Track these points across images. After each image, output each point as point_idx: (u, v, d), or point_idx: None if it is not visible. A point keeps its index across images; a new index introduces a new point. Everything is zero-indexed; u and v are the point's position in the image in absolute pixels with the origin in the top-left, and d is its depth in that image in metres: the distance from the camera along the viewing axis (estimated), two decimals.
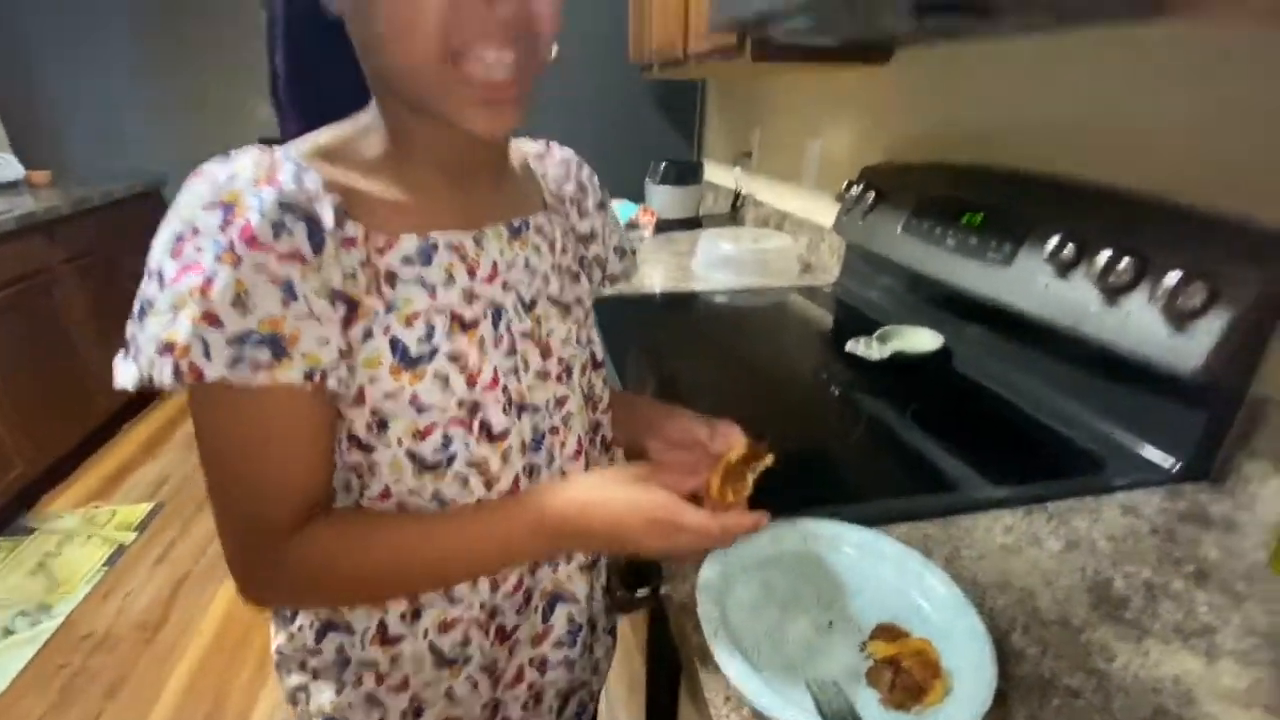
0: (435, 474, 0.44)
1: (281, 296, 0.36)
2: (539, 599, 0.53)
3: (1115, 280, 0.66)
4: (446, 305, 0.44)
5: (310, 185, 0.39)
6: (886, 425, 0.80)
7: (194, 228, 0.35)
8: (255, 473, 0.40)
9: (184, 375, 0.35)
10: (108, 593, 1.77)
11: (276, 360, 0.36)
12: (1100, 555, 0.56)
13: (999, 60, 0.94)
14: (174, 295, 0.35)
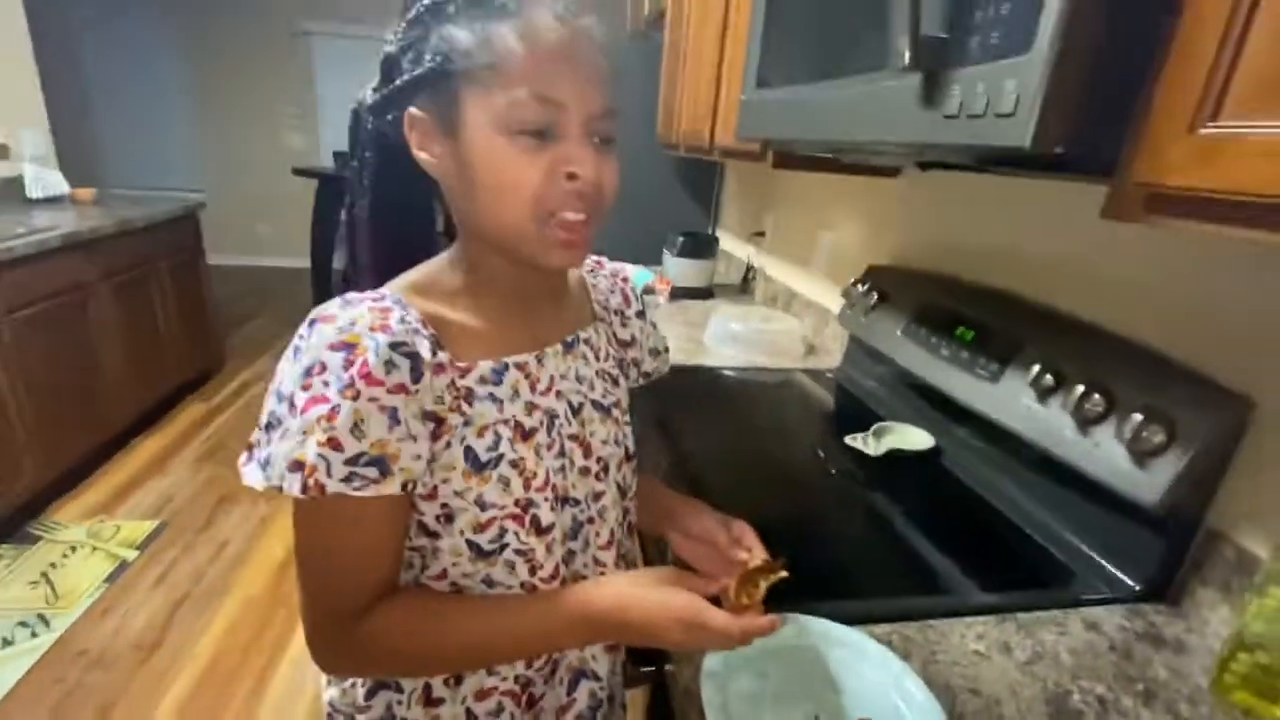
0: (488, 561, 0.51)
1: (389, 423, 0.44)
2: (564, 671, 0.59)
3: (1088, 412, 0.74)
4: (511, 416, 0.51)
5: (412, 322, 0.47)
6: (879, 519, 0.87)
7: (322, 364, 0.43)
8: (344, 569, 0.48)
9: (310, 489, 0.42)
10: (107, 609, 1.80)
11: (383, 477, 0.44)
12: (1062, 668, 0.62)
13: (996, 191, 1.04)
14: (304, 422, 0.42)
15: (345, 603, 0.48)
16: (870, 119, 0.69)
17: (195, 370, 3.07)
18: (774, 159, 1.19)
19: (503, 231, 0.49)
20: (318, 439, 0.42)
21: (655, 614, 0.50)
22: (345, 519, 0.46)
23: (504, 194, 0.47)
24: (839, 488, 0.95)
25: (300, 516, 0.47)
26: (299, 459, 0.42)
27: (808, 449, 1.08)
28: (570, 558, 0.56)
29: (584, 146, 0.47)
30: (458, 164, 0.48)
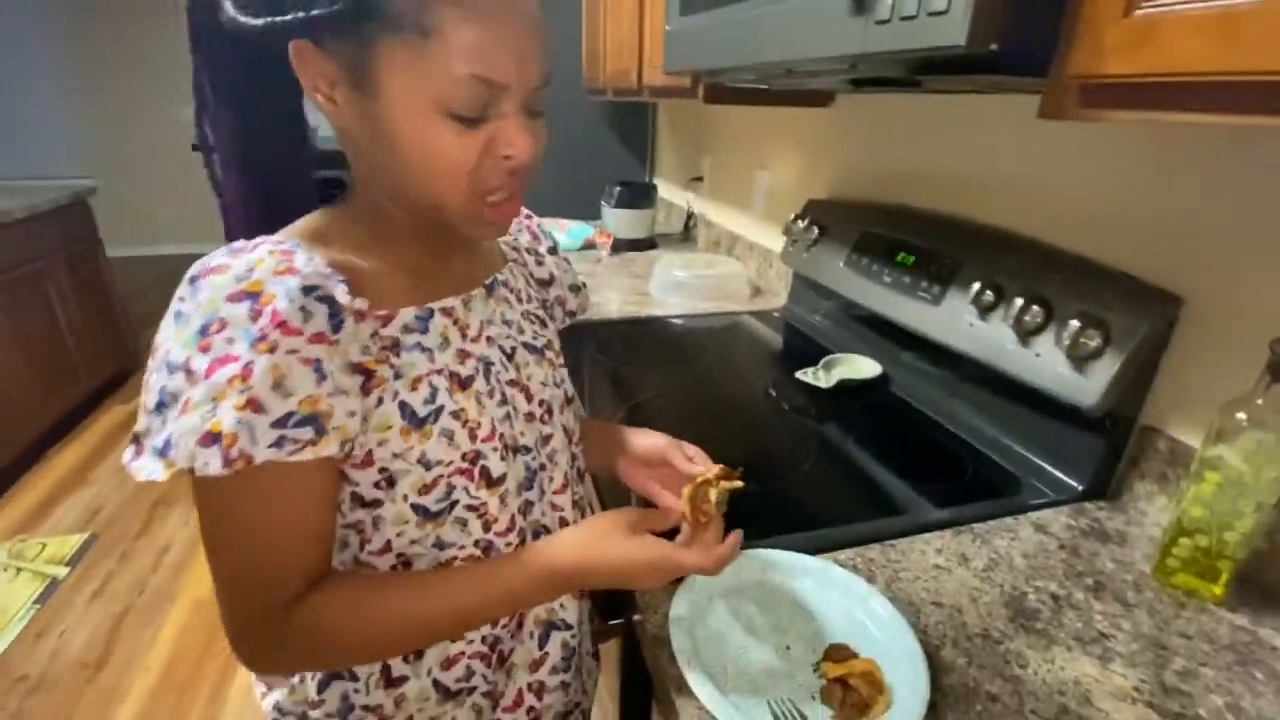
0: (436, 522, 0.48)
1: (315, 377, 0.39)
2: (533, 625, 0.56)
3: (1027, 323, 0.75)
4: (445, 366, 0.47)
5: (319, 265, 0.41)
6: (834, 449, 0.87)
7: (221, 319, 0.37)
8: (266, 549, 0.42)
9: (235, 462, 0.37)
10: (41, 631, 1.68)
11: (319, 436, 0.39)
12: (1017, 571, 0.64)
13: (930, 111, 1.03)
14: (211, 388, 0.37)
15: (274, 591, 0.43)
16: (801, 36, 0.66)
17: (110, 371, 2.85)
18: (705, 93, 1.14)
19: (428, 203, 0.45)
20: (234, 403, 0.36)
21: (625, 566, 0.48)
22: (271, 492, 0.41)
23: (435, 177, 0.43)
24: (793, 424, 0.95)
25: (211, 496, 0.41)
26: (213, 430, 0.36)
27: (760, 389, 1.08)
28: (528, 508, 0.54)
29: (520, 126, 0.43)
30: (371, 125, 0.42)
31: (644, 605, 0.58)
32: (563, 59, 2.10)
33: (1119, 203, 0.75)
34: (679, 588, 0.56)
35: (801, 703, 0.48)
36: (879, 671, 0.49)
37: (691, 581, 0.57)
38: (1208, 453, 0.59)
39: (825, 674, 0.50)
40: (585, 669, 0.65)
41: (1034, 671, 0.52)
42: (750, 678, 0.51)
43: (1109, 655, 0.54)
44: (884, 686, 0.49)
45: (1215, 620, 0.58)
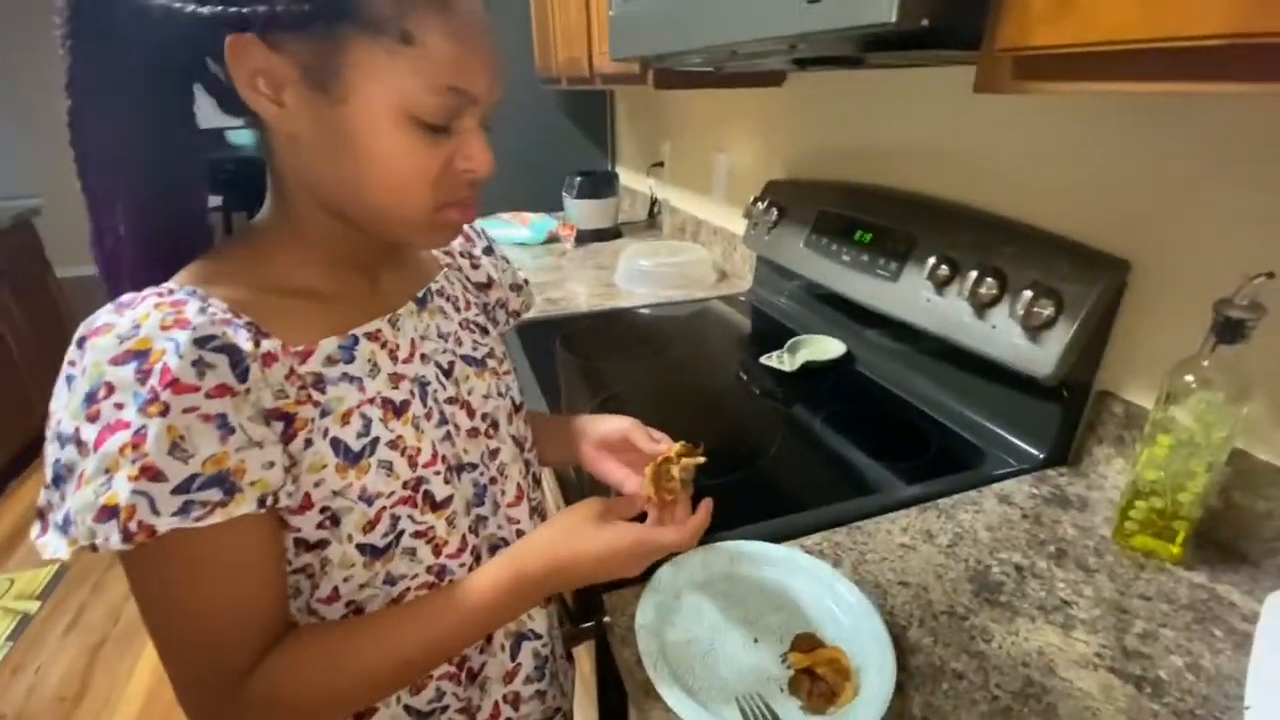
0: (385, 558, 0.46)
1: (219, 433, 0.36)
2: (502, 638, 0.55)
3: (982, 296, 0.75)
4: (376, 394, 0.45)
5: (217, 312, 0.39)
6: (801, 433, 0.87)
7: (107, 384, 0.35)
8: (210, 616, 0.39)
9: (135, 535, 0.34)
10: (16, 668, 1.64)
11: (229, 496, 0.36)
12: (980, 545, 0.64)
13: (878, 89, 1.03)
14: (103, 458, 0.34)
15: (224, 660, 0.40)
16: (741, 18, 0.65)
17: None
18: (655, 78, 1.13)
19: (377, 212, 0.43)
20: (128, 473, 0.34)
21: (604, 557, 0.48)
22: (197, 559, 0.38)
23: (397, 189, 0.42)
24: (762, 408, 0.95)
25: (136, 571, 0.38)
26: (107, 503, 0.34)
27: (730, 374, 1.07)
28: (480, 524, 0.53)
29: (480, 139, 0.43)
30: (325, 129, 0.39)
31: (612, 608, 0.57)
32: (514, 46, 2.06)
33: (1065, 171, 0.76)
34: (644, 589, 0.55)
35: (770, 696, 0.48)
36: (845, 658, 0.49)
37: (658, 580, 0.56)
38: (1159, 415, 0.59)
39: (793, 665, 0.50)
40: (560, 672, 0.64)
41: (998, 645, 0.53)
42: (719, 676, 0.50)
43: (1071, 623, 0.55)
44: (850, 673, 0.49)
45: (1174, 580, 0.59)
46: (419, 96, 0.39)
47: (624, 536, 0.49)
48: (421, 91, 0.39)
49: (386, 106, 0.39)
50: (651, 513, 0.53)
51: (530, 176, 2.21)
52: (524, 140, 2.24)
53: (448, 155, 0.42)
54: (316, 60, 0.37)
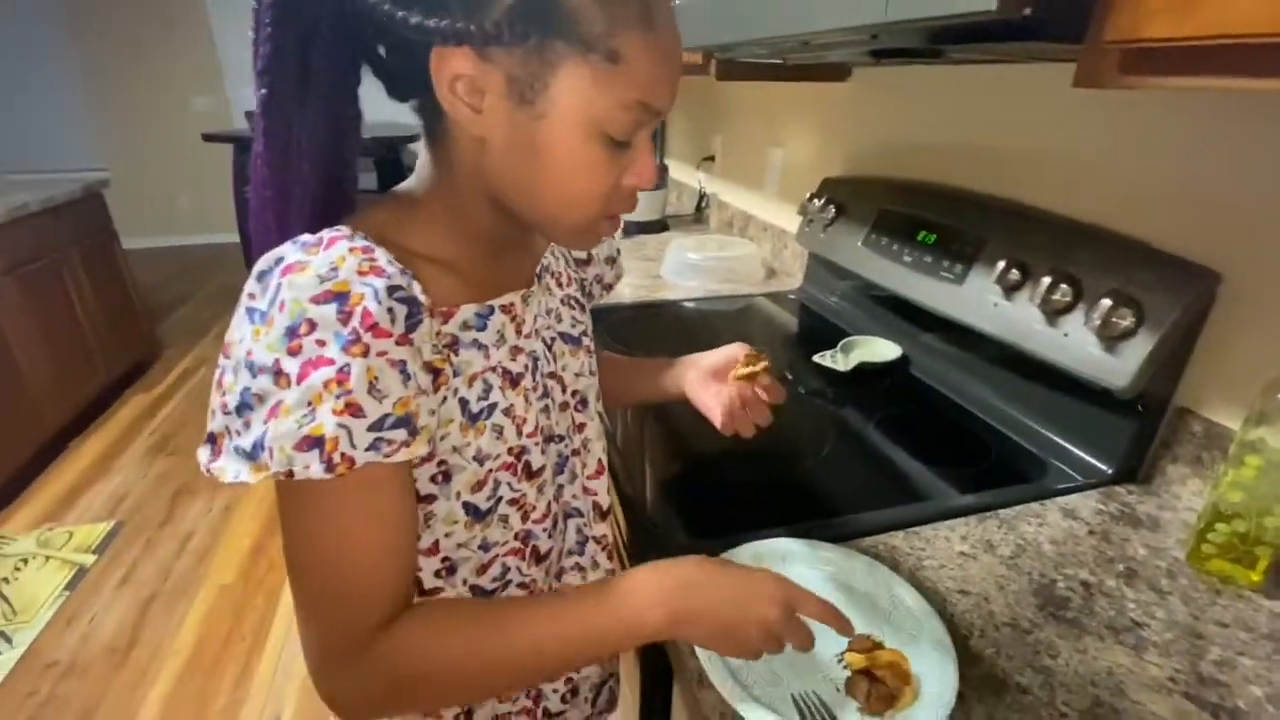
0: (484, 522, 0.48)
1: (402, 378, 0.38)
2: None
3: (1055, 303, 0.73)
4: (498, 363, 0.47)
5: (399, 266, 0.40)
6: (853, 435, 0.86)
7: (309, 320, 0.36)
8: (356, 564, 0.40)
9: (337, 465, 0.36)
10: (71, 618, 1.72)
11: (412, 437, 0.39)
12: (1045, 558, 0.62)
13: (952, 83, 1.00)
14: (307, 391, 0.35)
15: (362, 611, 0.41)
16: (820, 7, 0.63)
17: (129, 362, 2.89)
18: (717, 70, 1.11)
19: (542, 216, 0.45)
20: (332, 406, 0.35)
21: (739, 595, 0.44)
22: (369, 499, 0.40)
23: (572, 198, 0.43)
24: (811, 408, 0.94)
25: (295, 513, 0.40)
26: (312, 434, 0.35)
27: (775, 372, 1.06)
28: (559, 492, 0.55)
29: (651, 153, 0.45)
30: (520, 137, 0.41)
31: None
32: None
33: (1152, 175, 0.72)
34: None
35: (826, 695, 0.47)
36: (905, 662, 0.48)
37: None
38: (1248, 436, 0.56)
39: (850, 665, 0.49)
40: None
41: (1065, 662, 0.51)
42: (772, 670, 0.50)
43: (1143, 645, 0.53)
44: (910, 677, 0.48)
45: (1253, 608, 0.56)
46: (613, 111, 0.40)
47: (764, 576, 0.46)
48: (615, 107, 0.40)
49: (580, 120, 0.40)
50: None
51: None
52: None
53: (620, 169, 0.43)
54: (524, 73, 0.38)
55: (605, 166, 0.42)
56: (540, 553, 0.53)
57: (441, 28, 0.36)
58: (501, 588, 0.51)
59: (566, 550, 0.58)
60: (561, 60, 0.38)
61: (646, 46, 0.39)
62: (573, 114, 0.39)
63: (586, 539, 0.59)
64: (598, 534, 0.60)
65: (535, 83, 0.39)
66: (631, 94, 0.39)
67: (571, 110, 0.39)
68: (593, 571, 0.60)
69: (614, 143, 0.41)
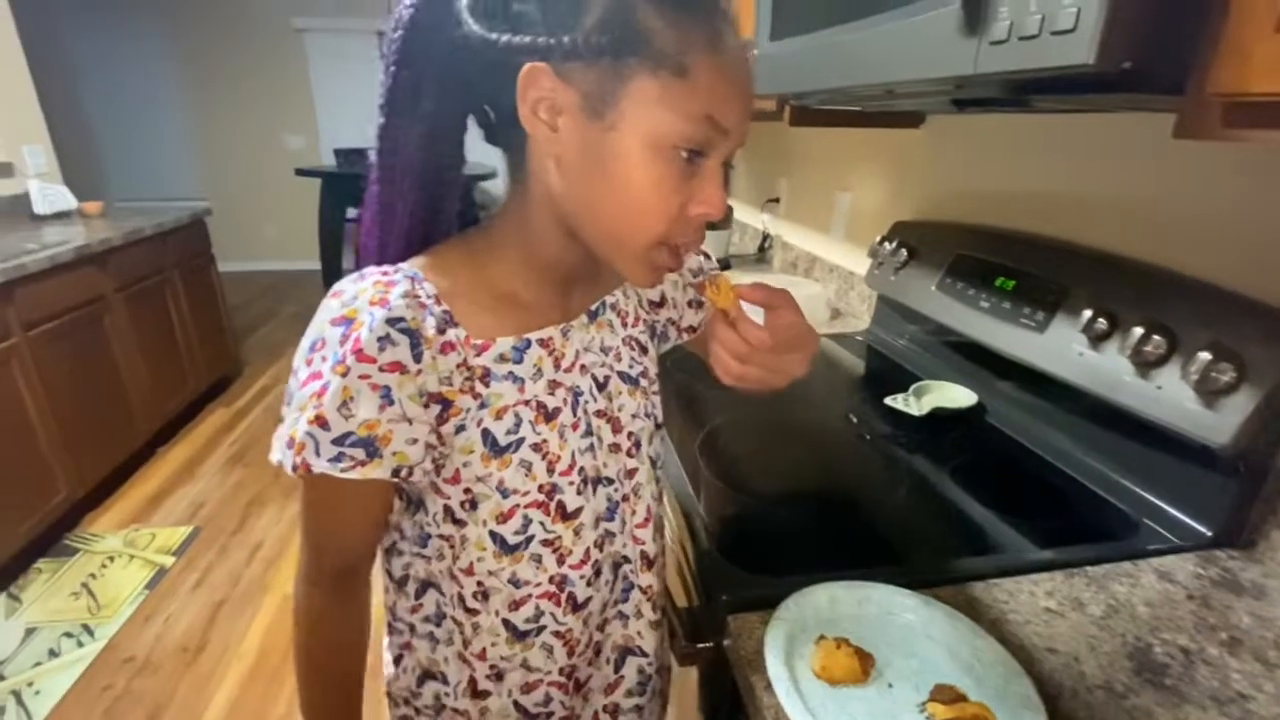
0: (514, 557, 0.49)
1: (379, 403, 0.41)
2: (610, 651, 0.57)
3: (1147, 354, 0.70)
4: (533, 397, 0.49)
5: (423, 296, 0.44)
6: (928, 482, 0.84)
7: (323, 339, 0.42)
8: (327, 532, 0.50)
9: (298, 468, 0.41)
10: (149, 616, 1.82)
11: (369, 459, 0.42)
12: (1140, 621, 0.59)
13: (1031, 131, 1.00)
14: (301, 398, 0.41)
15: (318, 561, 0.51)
16: (906, 57, 0.65)
17: (215, 377, 3.09)
18: (791, 115, 1.14)
19: (607, 238, 0.45)
20: (309, 416, 0.41)
21: None
22: (333, 497, 0.47)
23: (636, 215, 0.44)
24: (880, 452, 0.92)
25: (303, 489, 0.48)
26: (292, 435, 0.41)
27: (839, 415, 1.05)
28: (608, 539, 0.55)
29: (719, 183, 0.45)
30: (590, 153, 0.42)
31: (735, 631, 0.57)
32: None
33: (1252, 225, 0.70)
34: (772, 617, 0.55)
35: None
36: (993, 716, 0.47)
37: (785, 610, 0.56)
38: None
39: (933, 715, 0.48)
40: (663, 689, 0.66)
41: None
42: (850, 714, 0.49)
43: (1250, 718, 0.49)
44: None
45: None
46: (681, 126, 0.41)
47: None
48: (684, 121, 0.41)
49: (648, 134, 0.41)
50: None
51: None
52: None
53: (688, 197, 0.44)
54: (598, 89, 0.40)
55: (671, 185, 0.42)
56: (577, 600, 0.53)
57: (526, 44, 0.39)
58: (535, 631, 0.52)
59: (613, 600, 0.58)
60: (633, 75, 0.40)
61: (714, 64, 0.41)
62: (641, 125, 0.41)
63: (632, 586, 0.58)
64: (644, 584, 0.59)
65: (608, 97, 0.40)
66: (697, 107, 0.40)
67: (640, 122, 0.41)
68: (635, 620, 0.59)
69: (681, 161, 0.42)
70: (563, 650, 0.54)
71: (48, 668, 1.64)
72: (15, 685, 1.59)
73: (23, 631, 1.75)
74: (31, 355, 1.95)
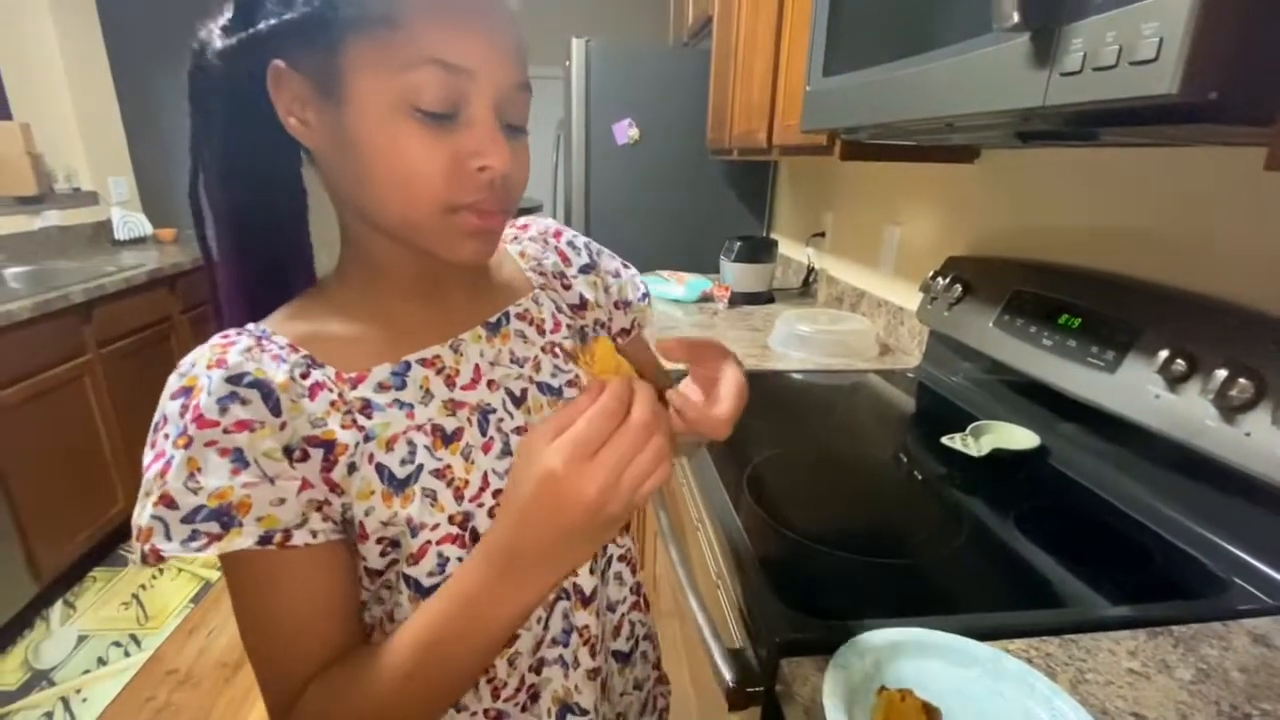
0: None
1: (231, 467, 0.37)
2: (549, 702, 0.51)
3: (1233, 398, 0.66)
4: (426, 421, 0.44)
5: (271, 348, 0.41)
6: (989, 527, 0.80)
7: (164, 415, 0.38)
8: (263, 629, 0.41)
9: (148, 557, 0.37)
10: (192, 629, 1.86)
11: (225, 530, 0.37)
12: (1235, 688, 0.54)
13: (1098, 164, 0.97)
14: (146, 483, 0.37)
15: (279, 673, 0.41)
16: (970, 90, 0.64)
17: None
18: (842, 150, 1.14)
19: (400, 224, 0.42)
20: (153, 499, 0.36)
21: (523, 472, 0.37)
22: (247, 585, 0.40)
23: (402, 186, 0.40)
24: (932, 493, 0.89)
25: (229, 580, 0.41)
26: (137, 524, 0.37)
27: (889, 454, 1.02)
28: None
29: (494, 132, 0.40)
30: (339, 139, 0.40)
31: (789, 677, 0.54)
32: (686, 121, 2.21)
33: None
34: (829, 664, 0.52)
35: None
36: None
37: (842, 657, 0.53)
38: None
39: None
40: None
41: None
42: None
43: None
44: None
45: None
46: (409, 80, 0.37)
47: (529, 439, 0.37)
48: (411, 73, 0.37)
49: (382, 99, 0.38)
50: None
51: (689, 240, 2.32)
52: (686, 206, 2.35)
53: (454, 148, 0.39)
54: (323, 68, 0.38)
55: (426, 144, 0.39)
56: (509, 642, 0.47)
57: (248, 38, 0.38)
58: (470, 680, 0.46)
59: (550, 639, 0.50)
60: (344, 42, 0.37)
61: (426, 5, 0.37)
62: (369, 95, 0.38)
63: (571, 629, 0.51)
64: (579, 623, 0.51)
65: (331, 73, 0.38)
66: (417, 53, 0.37)
67: (367, 91, 0.38)
68: (573, 671, 0.51)
69: (429, 116, 0.38)
70: (487, 690, 0.48)
71: (96, 675, 1.68)
72: (64, 692, 1.63)
73: (75, 638, 1.81)
74: (103, 371, 2.06)
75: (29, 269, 2.26)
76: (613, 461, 0.35)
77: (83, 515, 1.99)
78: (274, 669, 0.42)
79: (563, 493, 0.35)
